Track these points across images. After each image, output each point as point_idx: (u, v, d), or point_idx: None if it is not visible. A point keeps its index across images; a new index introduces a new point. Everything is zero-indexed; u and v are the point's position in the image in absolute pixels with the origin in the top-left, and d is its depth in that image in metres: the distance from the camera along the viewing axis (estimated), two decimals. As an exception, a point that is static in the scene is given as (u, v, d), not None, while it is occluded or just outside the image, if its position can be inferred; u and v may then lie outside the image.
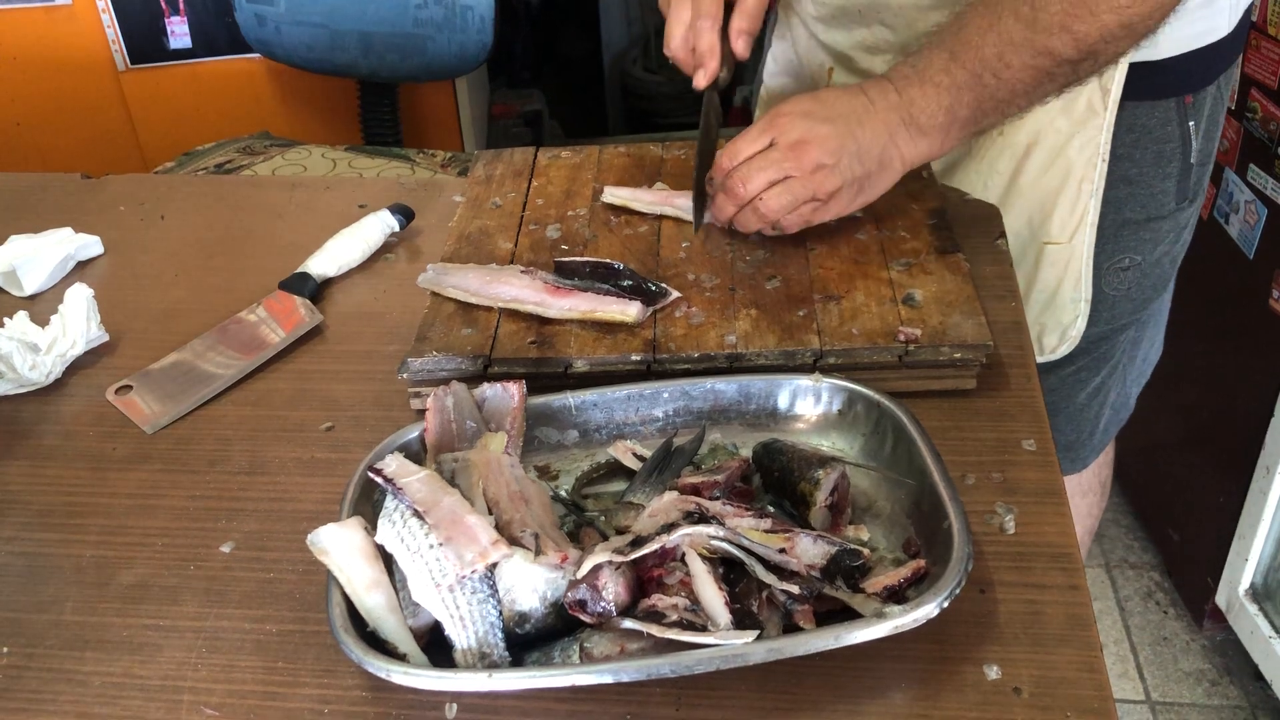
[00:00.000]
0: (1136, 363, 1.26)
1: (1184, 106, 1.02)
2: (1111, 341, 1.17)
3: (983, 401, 0.82)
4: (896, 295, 0.86)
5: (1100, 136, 1.00)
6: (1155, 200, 1.06)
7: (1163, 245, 1.10)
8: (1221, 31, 1.00)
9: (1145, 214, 1.06)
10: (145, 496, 0.80)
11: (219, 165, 1.84)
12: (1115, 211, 1.05)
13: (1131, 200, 1.05)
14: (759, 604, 0.62)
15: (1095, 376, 1.19)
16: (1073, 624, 0.65)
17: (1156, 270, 1.11)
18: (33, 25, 2.15)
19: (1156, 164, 1.04)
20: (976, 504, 0.73)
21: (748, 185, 0.89)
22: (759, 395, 0.78)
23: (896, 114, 0.89)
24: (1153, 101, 1.01)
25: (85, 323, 0.93)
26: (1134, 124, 1.02)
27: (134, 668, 0.67)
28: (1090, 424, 1.25)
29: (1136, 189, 1.05)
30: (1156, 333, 1.27)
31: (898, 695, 0.63)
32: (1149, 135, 1.02)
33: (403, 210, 1.07)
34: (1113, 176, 1.03)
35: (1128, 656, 1.86)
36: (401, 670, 0.60)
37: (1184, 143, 1.03)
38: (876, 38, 1.06)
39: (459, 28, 1.94)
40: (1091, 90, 0.98)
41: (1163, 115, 1.02)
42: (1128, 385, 1.27)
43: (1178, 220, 1.09)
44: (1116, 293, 1.10)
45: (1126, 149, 1.02)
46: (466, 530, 0.62)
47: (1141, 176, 1.04)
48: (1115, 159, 1.02)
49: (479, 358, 0.83)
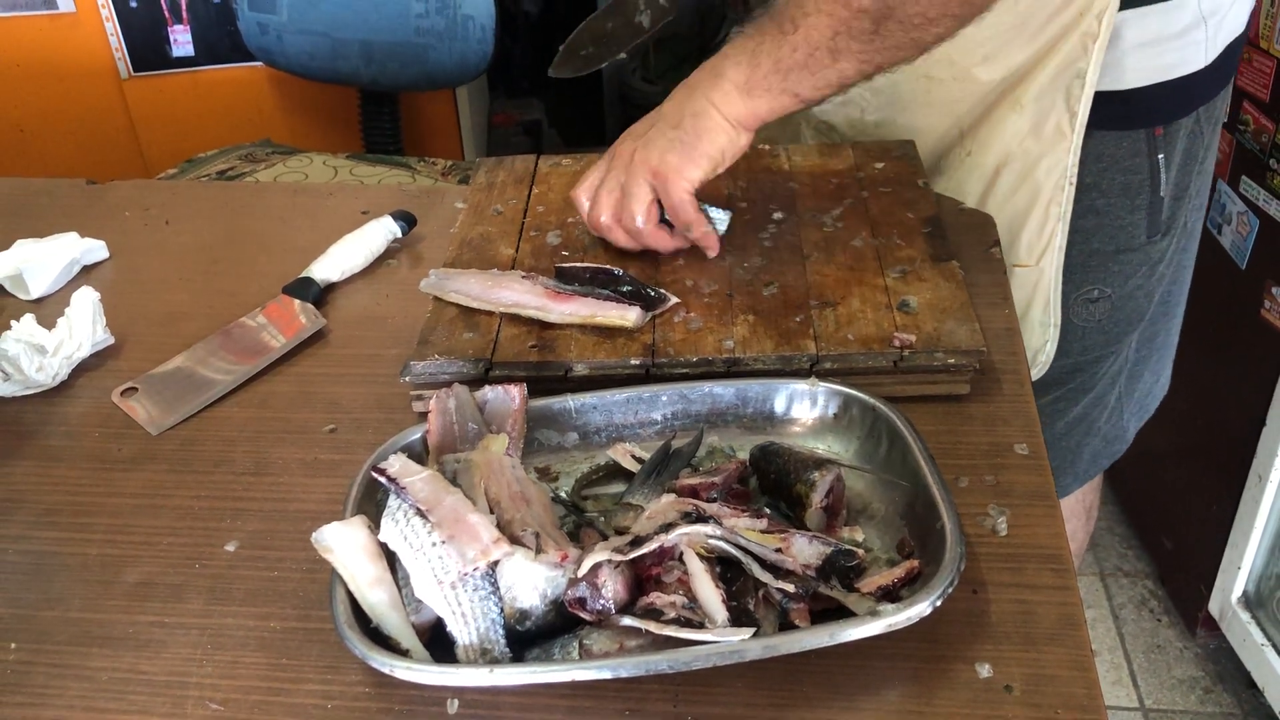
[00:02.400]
0: (1136, 397, 1.23)
1: (1154, 138, 1.01)
2: (1088, 373, 1.15)
3: (976, 406, 0.83)
4: (892, 302, 0.87)
5: (1068, 159, 0.99)
6: (1124, 232, 1.05)
7: (1135, 279, 1.08)
8: (1196, 65, 0.99)
9: (1114, 245, 1.05)
10: (150, 496, 0.81)
11: (221, 172, 1.85)
12: (1084, 241, 1.04)
13: (1100, 231, 1.04)
14: (755, 602, 0.63)
15: (1074, 407, 1.18)
16: (1063, 624, 0.66)
17: (1130, 304, 1.10)
18: (37, 33, 2.16)
19: (1124, 195, 1.03)
20: (969, 506, 0.74)
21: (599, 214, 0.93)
22: (756, 399, 0.80)
23: (706, 71, 0.89)
24: (1120, 131, 1.00)
25: (91, 326, 0.94)
26: (1101, 153, 1.01)
27: (140, 663, 0.68)
28: (1071, 454, 1.23)
29: (1104, 219, 1.04)
30: (1160, 367, 1.24)
31: (891, 693, 0.64)
32: (1116, 165, 1.02)
33: (405, 216, 1.08)
34: (1080, 206, 1.02)
35: (1121, 664, 1.87)
36: (404, 666, 0.61)
37: (1153, 175, 1.02)
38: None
39: (460, 37, 1.96)
40: (1060, 113, 0.98)
41: (1131, 146, 1.01)
42: (1124, 419, 1.24)
43: (1149, 254, 1.07)
44: (1086, 324, 1.09)
45: (1094, 178, 1.02)
46: (469, 528, 0.63)
47: (1109, 207, 1.04)
48: (1083, 188, 1.02)
49: (480, 361, 0.84)
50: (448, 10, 1.93)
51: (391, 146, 2.21)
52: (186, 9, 2.18)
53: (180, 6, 2.18)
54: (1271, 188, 1.47)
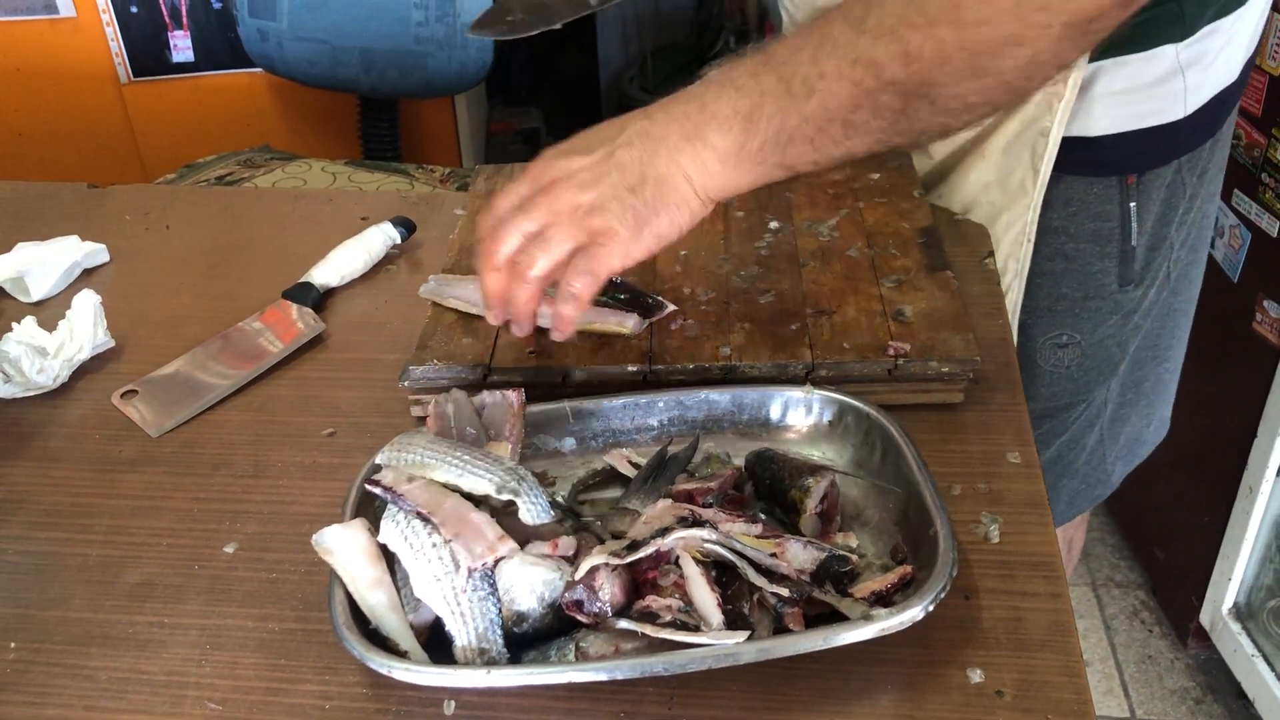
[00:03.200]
0: (1121, 441, 1.19)
1: (1126, 186, 0.98)
2: (1058, 419, 1.12)
3: (970, 415, 0.84)
4: (887, 311, 0.88)
5: (1027, 215, 0.97)
6: (1093, 279, 1.02)
7: (1105, 327, 1.05)
8: (1172, 115, 0.95)
9: (1082, 292, 1.02)
10: (150, 498, 0.82)
11: (220, 177, 1.86)
12: (1052, 285, 1.02)
13: (1068, 275, 1.01)
14: (750, 606, 0.64)
15: (1044, 450, 1.13)
16: (1054, 630, 0.67)
17: (1100, 352, 1.06)
18: (37, 37, 2.17)
19: (1094, 241, 1.00)
20: (962, 513, 0.75)
21: (499, 247, 0.74)
22: (752, 406, 0.80)
23: (678, 125, 0.72)
24: (1091, 177, 0.97)
25: (92, 328, 0.94)
26: (1070, 198, 0.98)
27: (139, 663, 0.69)
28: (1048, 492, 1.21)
29: (1073, 265, 1.01)
30: (1150, 412, 1.19)
31: (884, 697, 0.64)
32: (1085, 211, 0.99)
33: (404, 223, 1.09)
34: (1049, 249, 1.00)
35: (1113, 674, 1.88)
36: (402, 667, 0.61)
37: (1124, 223, 0.99)
38: None
39: (459, 45, 1.97)
40: (1025, 168, 0.96)
41: (1102, 193, 0.98)
42: (1107, 463, 1.20)
43: (1120, 303, 1.04)
44: (1055, 369, 1.06)
45: (1062, 222, 0.99)
46: (473, 527, 0.64)
47: (1078, 253, 1.01)
48: (1052, 232, 0.99)
49: (479, 366, 0.84)
50: (447, 19, 1.94)
51: (390, 153, 2.22)
52: (187, 15, 2.19)
53: (181, 12, 2.19)
54: (1263, 201, 1.49)
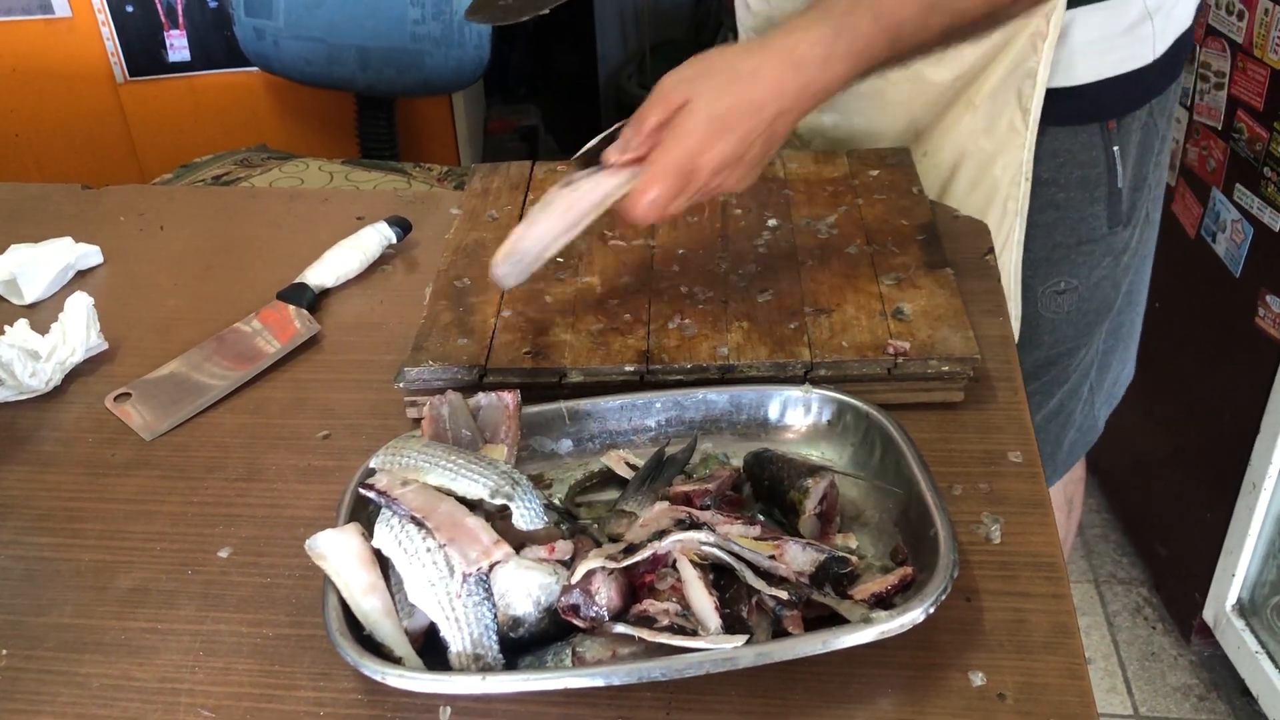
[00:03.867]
0: (1105, 386, 1.26)
1: (1108, 132, 1.03)
2: (1061, 366, 1.17)
3: (970, 414, 0.83)
4: (886, 309, 0.87)
5: (1022, 155, 1.01)
6: (1085, 224, 1.07)
7: (1099, 269, 1.10)
8: (1145, 59, 1.02)
9: (1076, 238, 1.08)
10: (143, 502, 0.81)
11: (216, 177, 1.85)
12: (1046, 235, 1.07)
13: (1061, 224, 1.07)
14: (749, 610, 0.63)
15: (1050, 400, 1.20)
16: (1057, 632, 0.66)
17: (1097, 294, 1.12)
18: (33, 37, 2.16)
19: (1082, 188, 1.05)
20: (963, 514, 0.74)
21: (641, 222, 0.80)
22: (750, 406, 0.80)
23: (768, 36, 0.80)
24: (1075, 126, 1.02)
25: (85, 331, 0.94)
26: (1057, 149, 1.03)
27: (132, 670, 0.68)
28: (1050, 445, 1.25)
29: (1065, 213, 1.06)
30: (1126, 355, 1.28)
31: (884, 701, 0.64)
32: (1073, 160, 1.04)
33: (400, 222, 1.08)
34: (1040, 201, 1.04)
35: (1116, 671, 1.87)
36: (397, 673, 0.61)
37: (1109, 168, 1.05)
38: None
39: (456, 43, 1.96)
40: (1012, 111, 1.01)
41: (1086, 140, 1.03)
42: (1095, 409, 1.27)
43: (1112, 244, 1.10)
44: (1055, 316, 1.11)
45: (1051, 173, 1.04)
46: (468, 531, 0.63)
47: (1069, 201, 1.06)
48: (1042, 184, 1.04)
49: (475, 367, 0.84)
50: (444, 16, 1.94)
51: (387, 152, 2.21)
52: (183, 14, 2.19)
53: (176, 11, 2.18)
54: (1266, 196, 1.48)
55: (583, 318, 0.89)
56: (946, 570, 0.62)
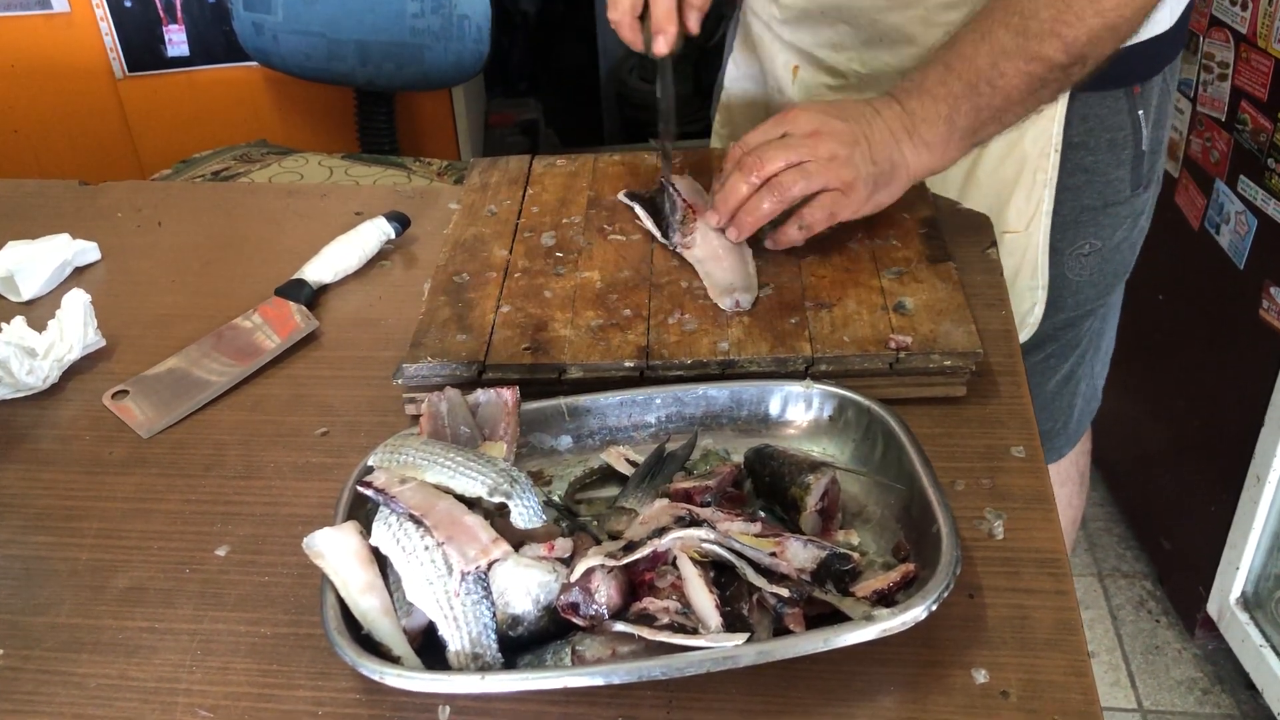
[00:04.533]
0: (1101, 352, 1.29)
1: (1133, 96, 1.06)
2: (1077, 329, 1.20)
3: (972, 409, 0.82)
4: (888, 303, 0.86)
5: (1053, 128, 1.03)
6: (1111, 187, 1.09)
7: (1121, 230, 1.13)
8: (1164, 25, 1.04)
9: (1102, 200, 1.10)
10: (141, 500, 0.80)
11: (216, 173, 1.85)
12: (1074, 198, 1.09)
13: (1089, 187, 1.09)
14: (749, 607, 0.62)
15: (1064, 364, 1.23)
16: (1060, 629, 0.66)
17: (1116, 255, 1.15)
18: (31, 33, 2.16)
19: (1110, 151, 1.07)
20: (966, 509, 0.73)
21: (765, 164, 0.89)
22: (751, 401, 0.79)
23: (900, 123, 0.92)
24: (1103, 92, 1.04)
25: (82, 328, 0.93)
26: (1087, 114, 1.05)
27: (130, 670, 0.68)
28: (1064, 413, 1.27)
29: (1093, 176, 1.08)
30: (1113, 324, 1.31)
31: (886, 698, 0.63)
32: (1101, 124, 1.06)
33: (399, 218, 1.07)
34: (1070, 165, 1.06)
35: (1119, 665, 1.87)
36: (395, 673, 0.60)
37: (1135, 131, 1.07)
38: (840, 36, 1.09)
39: (455, 37, 1.95)
40: None
41: (1113, 105, 1.05)
42: (1095, 376, 1.31)
43: (1134, 206, 1.13)
44: (1079, 278, 1.14)
45: (1082, 137, 1.06)
46: (466, 529, 0.63)
47: (1097, 164, 1.08)
48: (1072, 148, 1.06)
49: (474, 364, 0.83)
50: (443, 9, 1.93)
51: (387, 146, 2.20)
52: (181, 9, 2.18)
53: (175, 6, 2.17)
54: (1270, 187, 1.47)
55: (582, 313, 0.88)
56: (949, 567, 0.62)
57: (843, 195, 0.90)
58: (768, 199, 0.90)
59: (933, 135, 0.91)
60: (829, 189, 0.90)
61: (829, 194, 0.90)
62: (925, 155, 0.92)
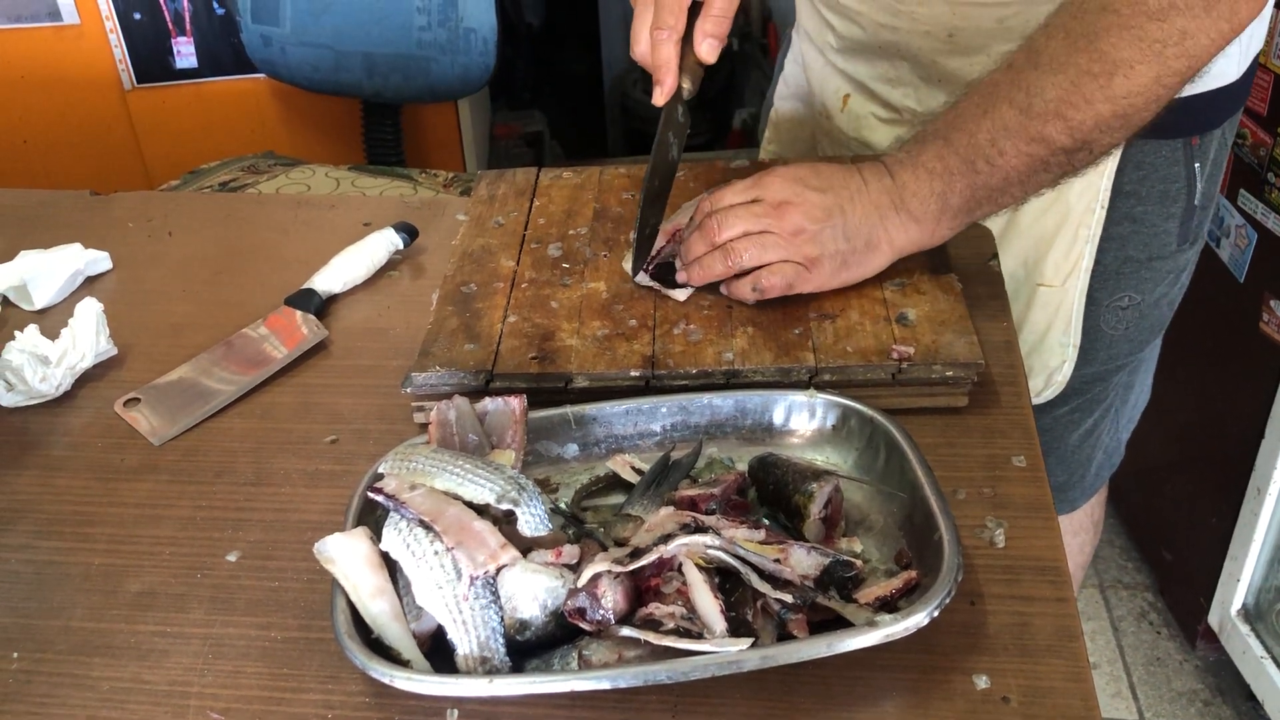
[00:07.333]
0: (1128, 407, 1.25)
1: (1190, 148, 1.02)
2: (1105, 383, 1.16)
3: (974, 419, 0.83)
4: (890, 314, 0.87)
5: (1100, 182, 1.00)
6: (1158, 240, 1.06)
7: (1161, 286, 1.09)
8: (1231, 76, 1.00)
9: (1147, 253, 1.06)
10: (153, 506, 0.81)
11: (223, 184, 1.86)
12: (1119, 248, 1.05)
13: (1135, 238, 1.05)
14: (754, 613, 0.63)
15: (1088, 418, 1.19)
16: (1060, 635, 0.67)
17: (1154, 312, 1.11)
18: (41, 44, 2.18)
19: (1161, 203, 1.04)
20: (967, 518, 0.74)
21: (723, 230, 0.88)
22: (755, 410, 0.80)
23: (888, 197, 0.88)
24: (1160, 140, 1.00)
25: (95, 336, 0.94)
26: (1141, 161, 1.01)
27: (142, 673, 0.69)
28: (1082, 467, 1.24)
29: (1140, 227, 1.04)
30: (1146, 378, 1.27)
31: (889, 704, 0.64)
32: (1155, 174, 1.02)
33: (407, 228, 1.08)
34: (1118, 213, 1.03)
35: (1121, 676, 1.87)
36: (404, 676, 0.61)
37: (1189, 183, 1.03)
38: (898, 72, 1.06)
39: (462, 50, 1.97)
40: None
41: (1169, 155, 1.01)
42: (1119, 430, 1.26)
43: (1178, 262, 1.09)
44: (1115, 332, 1.10)
45: (1133, 185, 1.02)
46: (475, 535, 0.63)
47: (1146, 215, 1.04)
48: (1122, 195, 1.02)
49: (481, 373, 0.84)
50: (450, 23, 1.94)
51: (394, 158, 2.22)
52: (190, 21, 2.20)
53: (184, 18, 2.19)
54: (1270, 201, 1.48)
55: (588, 323, 0.89)
56: (951, 574, 0.63)
57: (805, 269, 0.87)
58: (720, 263, 0.88)
59: (922, 211, 0.87)
60: (789, 261, 0.87)
61: (790, 265, 0.87)
62: (913, 230, 0.88)
